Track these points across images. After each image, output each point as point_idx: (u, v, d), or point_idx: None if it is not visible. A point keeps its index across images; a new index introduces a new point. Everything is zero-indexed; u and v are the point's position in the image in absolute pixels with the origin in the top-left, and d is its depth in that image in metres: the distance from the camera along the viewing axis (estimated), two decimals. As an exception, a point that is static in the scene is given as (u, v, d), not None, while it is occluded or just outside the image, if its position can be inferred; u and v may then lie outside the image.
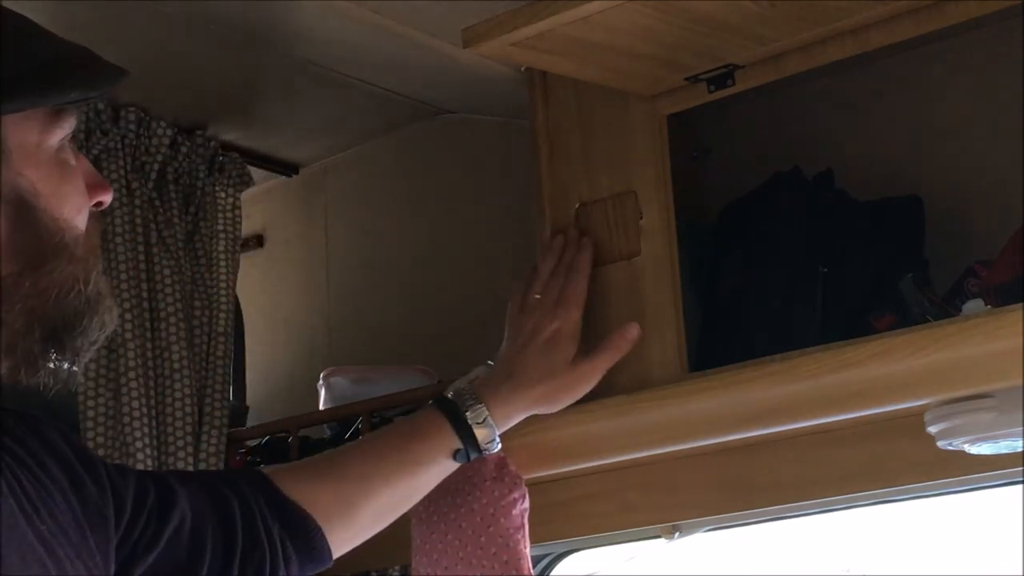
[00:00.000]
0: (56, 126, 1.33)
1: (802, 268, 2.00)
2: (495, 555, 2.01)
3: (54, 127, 1.32)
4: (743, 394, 1.86)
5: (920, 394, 1.77)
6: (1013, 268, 1.79)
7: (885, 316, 1.86)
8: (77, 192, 1.36)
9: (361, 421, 2.33)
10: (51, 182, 1.32)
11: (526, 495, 2.05)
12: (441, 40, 2.18)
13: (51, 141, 1.32)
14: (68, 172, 1.35)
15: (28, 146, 1.29)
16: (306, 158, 2.76)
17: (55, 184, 1.32)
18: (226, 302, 2.49)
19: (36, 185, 1.29)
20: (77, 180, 1.36)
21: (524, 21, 1.78)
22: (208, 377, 2.45)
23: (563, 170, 2.13)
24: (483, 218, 2.55)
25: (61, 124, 1.33)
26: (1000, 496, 2.09)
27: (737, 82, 1.98)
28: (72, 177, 1.35)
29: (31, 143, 1.30)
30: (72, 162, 1.36)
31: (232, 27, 2.18)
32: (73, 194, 1.35)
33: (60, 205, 1.32)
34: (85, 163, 1.39)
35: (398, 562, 2.41)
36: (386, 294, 2.66)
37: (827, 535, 2.39)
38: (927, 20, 1.83)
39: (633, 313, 2.02)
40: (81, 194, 1.36)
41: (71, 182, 1.35)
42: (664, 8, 1.77)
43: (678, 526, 2.21)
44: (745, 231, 2.09)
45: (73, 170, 1.36)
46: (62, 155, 1.34)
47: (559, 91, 2.15)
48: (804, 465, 2.03)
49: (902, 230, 2.01)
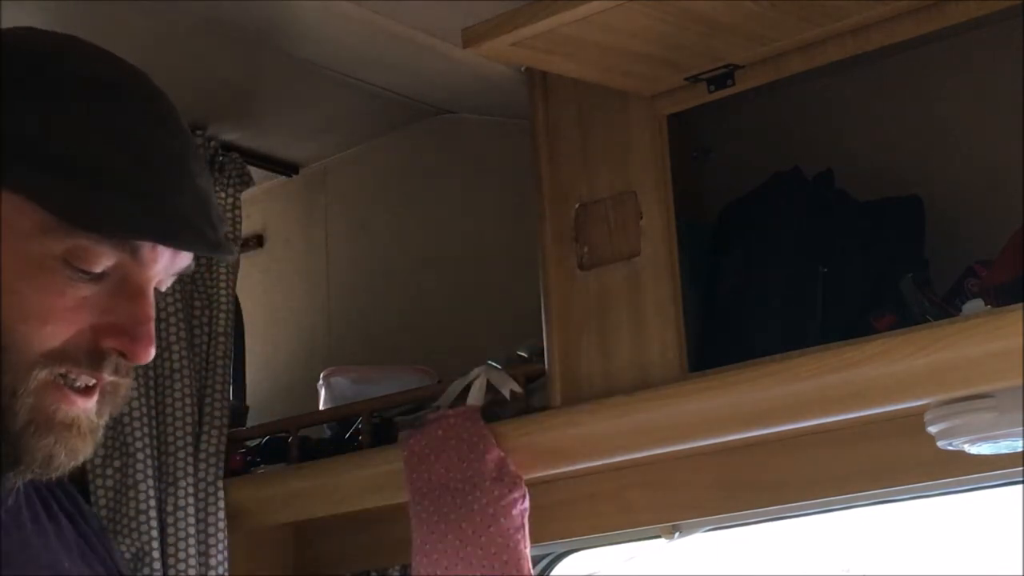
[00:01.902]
0: (79, 236, 1.06)
1: (802, 268, 2.00)
2: (495, 555, 2.01)
3: (74, 235, 1.06)
4: (743, 394, 1.86)
5: (920, 394, 1.77)
6: (1013, 268, 1.79)
7: (885, 316, 1.86)
8: (63, 319, 1.07)
9: (361, 421, 2.33)
10: (27, 284, 1.06)
11: (526, 495, 2.05)
12: (441, 40, 2.18)
13: (56, 246, 1.06)
14: (59, 290, 1.07)
15: (20, 231, 1.06)
16: (306, 158, 2.76)
17: (29, 290, 1.06)
18: (226, 302, 2.49)
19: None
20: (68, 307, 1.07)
21: (524, 21, 1.78)
22: (208, 377, 2.45)
23: (563, 170, 2.13)
24: (483, 218, 2.55)
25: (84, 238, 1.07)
26: (1000, 496, 2.09)
27: (737, 82, 1.98)
28: (60, 297, 1.07)
29: (24, 229, 1.06)
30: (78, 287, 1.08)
31: (232, 27, 2.18)
32: (54, 319, 1.07)
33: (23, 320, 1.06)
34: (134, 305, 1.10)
35: (398, 562, 2.41)
36: (386, 294, 2.66)
37: (827, 535, 2.39)
38: (927, 20, 1.84)
39: (633, 313, 2.02)
40: (69, 324, 1.07)
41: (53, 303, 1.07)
42: (664, 8, 1.77)
43: (678, 526, 2.21)
44: (745, 231, 2.10)
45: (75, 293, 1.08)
46: (66, 271, 1.07)
47: (559, 91, 2.15)
48: (804, 465, 2.03)
49: (902, 230, 2.01)
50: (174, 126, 1.13)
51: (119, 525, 2.33)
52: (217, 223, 1.13)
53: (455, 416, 2.13)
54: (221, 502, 2.38)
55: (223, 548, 2.36)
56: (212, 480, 2.38)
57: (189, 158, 1.13)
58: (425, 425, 2.16)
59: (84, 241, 1.07)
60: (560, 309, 2.10)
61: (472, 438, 2.09)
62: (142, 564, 2.31)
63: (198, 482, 2.38)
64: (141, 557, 2.31)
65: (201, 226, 1.11)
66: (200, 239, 1.11)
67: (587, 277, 2.08)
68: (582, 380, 2.06)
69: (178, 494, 2.36)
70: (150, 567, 2.30)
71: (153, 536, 2.32)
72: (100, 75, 1.11)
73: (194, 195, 1.11)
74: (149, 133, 1.11)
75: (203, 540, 2.35)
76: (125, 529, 2.32)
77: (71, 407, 1.09)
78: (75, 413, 1.09)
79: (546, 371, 2.10)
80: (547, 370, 2.10)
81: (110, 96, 1.10)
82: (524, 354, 2.21)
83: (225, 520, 2.38)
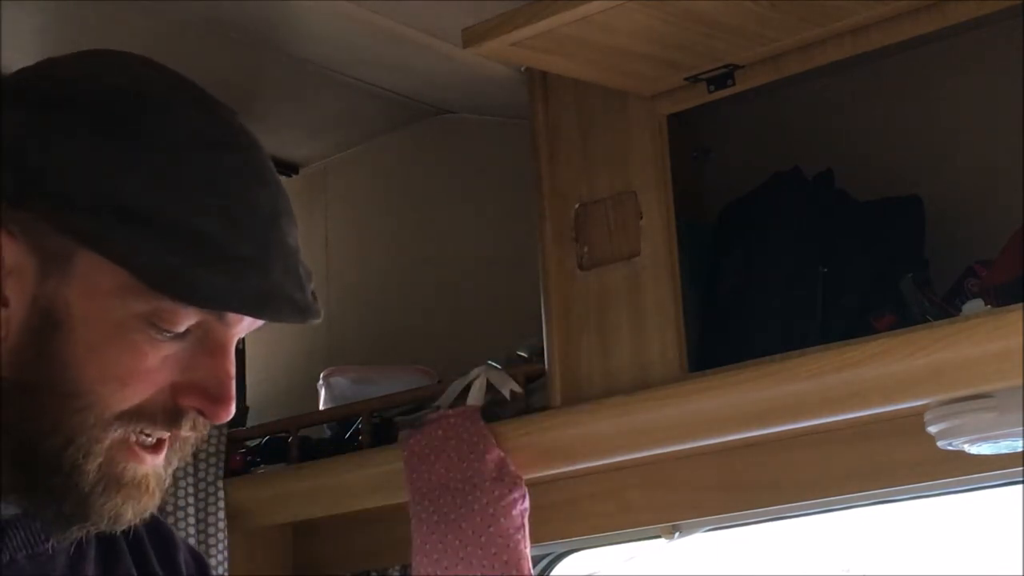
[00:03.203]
0: (165, 299, 1.02)
1: (802, 268, 2.00)
2: (495, 555, 2.01)
3: (160, 298, 1.02)
4: (743, 394, 1.86)
5: (920, 394, 1.77)
6: (1013, 268, 1.79)
7: (885, 316, 1.86)
8: (142, 380, 1.04)
9: (361, 421, 2.33)
10: (108, 344, 1.03)
11: (526, 495, 2.05)
12: (441, 40, 2.18)
13: (140, 307, 1.02)
14: (142, 351, 1.03)
15: (101, 289, 1.03)
16: (306, 158, 2.76)
17: (110, 351, 1.03)
18: (226, 302, 2.48)
19: (75, 323, 1.02)
20: (150, 368, 1.04)
21: (524, 21, 1.78)
22: (208, 377, 2.45)
23: (563, 170, 2.13)
24: (483, 218, 2.55)
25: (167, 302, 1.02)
26: (1000, 496, 2.09)
27: (737, 82, 1.98)
28: (142, 358, 1.03)
29: (105, 288, 1.03)
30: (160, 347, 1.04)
31: (232, 27, 2.18)
32: (134, 381, 1.03)
33: (103, 382, 1.03)
34: (215, 363, 1.07)
35: (398, 562, 2.41)
36: (386, 294, 2.66)
37: (827, 535, 2.39)
38: (927, 20, 1.84)
39: (633, 313, 2.02)
40: (149, 384, 1.04)
41: (134, 364, 1.03)
42: (664, 8, 1.77)
43: (678, 526, 2.21)
44: (745, 231, 2.10)
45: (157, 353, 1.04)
46: (148, 331, 1.03)
47: (559, 91, 2.15)
48: (804, 465, 2.03)
49: (902, 230, 2.01)
50: (270, 178, 1.08)
51: (119, 525, 2.33)
52: (305, 283, 1.08)
53: (455, 416, 2.13)
54: (221, 502, 2.38)
55: (223, 548, 2.36)
56: (212, 480, 2.38)
57: (281, 215, 1.07)
58: (425, 425, 2.16)
59: (168, 304, 1.03)
60: (560, 309, 2.10)
61: (472, 438, 2.09)
62: (142, 564, 2.31)
63: (198, 482, 2.38)
64: (141, 557, 2.31)
65: (291, 292, 1.06)
66: (289, 307, 1.06)
67: (587, 277, 2.08)
68: (582, 380, 2.06)
69: (178, 494, 2.36)
70: (150, 567, 2.30)
71: (153, 536, 2.32)
72: (198, 128, 1.05)
73: (285, 260, 1.06)
74: (244, 193, 1.05)
75: (203, 540, 2.35)
76: (125, 529, 2.32)
77: (140, 465, 1.06)
78: (144, 471, 1.06)
79: (546, 371, 2.10)
80: (547, 370, 2.09)
81: (207, 153, 1.05)
82: (524, 354, 2.21)
83: (225, 520, 2.38)
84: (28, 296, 1.03)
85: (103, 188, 1.01)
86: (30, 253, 1.02)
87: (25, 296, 1.03)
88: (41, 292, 1.03)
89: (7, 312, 1.03)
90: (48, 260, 1.02)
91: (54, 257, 1.02)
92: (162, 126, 1.04)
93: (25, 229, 1.02)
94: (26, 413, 1.03)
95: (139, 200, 1.01)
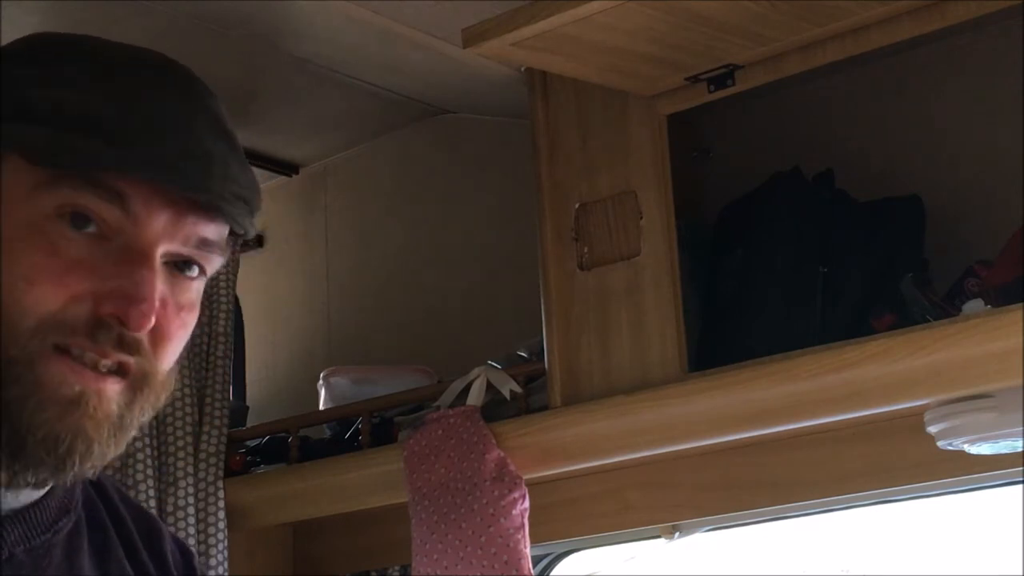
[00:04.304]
0: (63, 186, 1.02)
1: (802, 268, 2.00)
2: (495, 555, 2.01)
3: (60, 186, 1.02)
4: (743, 394, 1.86)
5: (920, 394, 1.77)
6: (1013, 268, 1.79)
7: (885, 316, 1.86)
8: (53, 280, 1.01)
9: (361, 421, 2.33)
10: (20, 244, 1.02)
11: (526, 495, 2.05)
12: (441, 40, 2.18)
13: (47, 202, 1.02)
14: (50, 248, 1.02)
15: (17, 193, 1.03)
16: (306, 158, 2.76)
17: (21, 250, 1.01)
18: (226, 302, 2.49)
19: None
20: (60, 267, 1.02)
21: (524, 21, 1.78)
22: (208, 377, 2.45)
23: (563, 170, 2.13)
24: (483, 218, 2.55)
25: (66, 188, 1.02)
26: (1000, 496, 2.09)
27: (737, 82, 1.98)
28: (51, 256, 1.02)
29: (20, 191, 1.03)
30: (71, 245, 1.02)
31: (232, 27, 2.18)
32: (44, 279, 1.01)
33: (13, 283, 1.01)
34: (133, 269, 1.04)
35: (398, 562, 2.42)
36: (386, 294, 2.66)
37: (826, 535, 2.39)
38: (927, 20, 1.84)
39: (633, 313, 2.02)
40: (61, 286, 1.01)
41: (42, 262, 1.02)
42: (664, 8, 1.77)
43: (678, 526, 2.21)
44: (745, 231, 2.10)
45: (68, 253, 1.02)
46: (58, 228, 1.02)
47: (559, 91, 2.15)
48: (804, 465, 2.03)
49: (902, 230, 2.01)
50: (189, 95, 1.09)
51: (119, 525, 2.33)
52: (222, 181, 1.07)
53: (455, 416, 2.13)
54: (221, 502, 2.38)
55: (223, 548, 2.36)
56: (212, 480, 2.38)
57: (197, 121, 1.08)
58: (425, 425, 2.16)
59: (66, 191, 1.01)
60: (560, 309, 2.10)
61: (472, 438, 2.09)
62: (142, 564, 2.31)
63: (198, 482, 2.38)
64: (141, 557, 2.31)
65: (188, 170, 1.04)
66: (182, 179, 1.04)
67: (587, 277, 2.08)
68: (582, 380, 2.06)
69: (178, 494, 2.36)
70: (150, 567, 2.30)
71: (153, 536, 2.32)
72: (116, 56, 1.09)
73: (188, 148, 1.05)
74: (151, 93, 1.06)
75: (203, 540, 2.35)
76: (125, 529, 2.32)
77: (79, 380, 1.01)
78: (81, 388, 1.01)
79: (546, 371, 2.10)
80: (547, 370, 2.10)
81: (119, 69, 1.07)
82: (524, 354, 2.21)
83: (225, 520, 2.38)
84: None
85: (18, 101, 1.04)
86: None
87: None
88: None
89: None
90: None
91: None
92: (79, 54, 1.08)
93: None
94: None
95: (46, 103, 1.03)
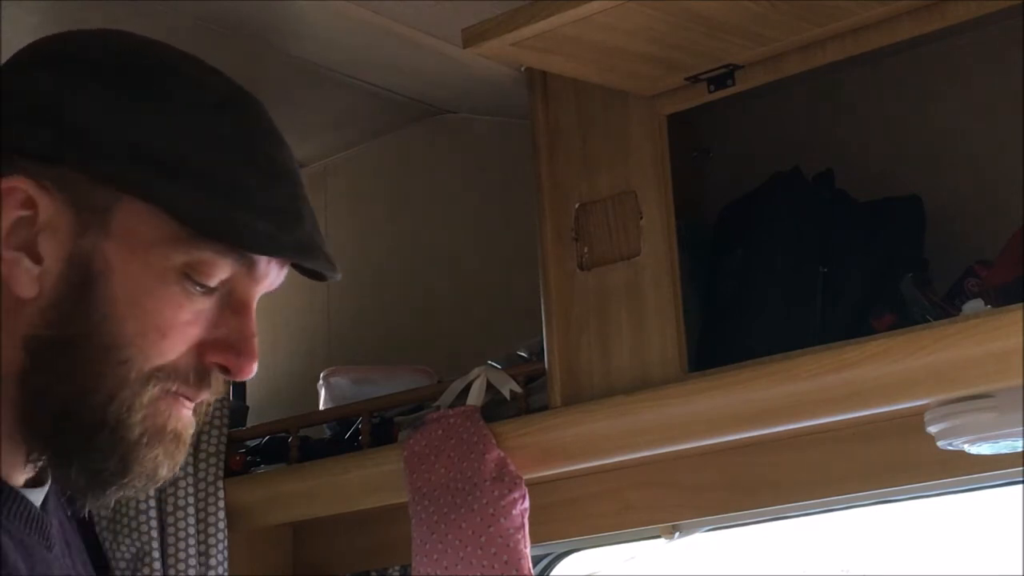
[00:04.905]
0: (204, 249, 1.05)
1: (802, 268, 2.00)
2: (495, 555, 2.01)
3: (198, 247, 1.05)
4: (743, 394, 1.86)
5: (920, 394, 1.77)
6: (1013, 268, 1.79)
7: (885, 316, 1.86)
8: (181, 335, 1.06)
9: (361, 421, 2.33)
10: (147, 296, 1.05)
11: (526, 495, 2.05)
12: (441, 40, 2.18)
13: (178, 258, 1.05)
14: (178, 303, 1.06)
15: (141, 241, 1.05)
16: (306, 158, 2.76)
17: (150, 303, 1.05)
18: (226, 302, 2.48)
19: (114, 276, 1.04)
20: (185, 321, 1.06)
21: (524, 21, 1.78)
22: (208, 377, 2.45)
23: (563, 170, 2.13)
24: (483, 218, 2.55)
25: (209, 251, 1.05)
26: (1000, 496, 2.09)
27: (737, 82, 1.98)
28: (179, 310, 1.05)
29: (145, 240, 1.05)
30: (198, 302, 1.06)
31: (232, 27, 2.18)
32: (174, 334, 1.05)
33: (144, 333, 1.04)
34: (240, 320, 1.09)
35: (398, 562, 2.41)
36: (386, 294, 2.66)
37: (826, 535, 2.39)
38: (927, 20, 1.83)
39: (633, 313, 2.02)
40: (184, 341, 1.06)
41: (173, 316, 1.05)
42: (664, 8, 1.77)
43: (678, 526, 2.21)
44: (745, 231, 2.10)
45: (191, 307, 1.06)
46: (183, 284, 1.06)
47: (559, 91, 2.15)
48: (804, 465, 2.03)
49: (902, 230, 2.01)
50: (282, 137, 1.13)
51: (119, 525, 2.33)
52: (325, 247, 1.13)
53: (455, 416, 2.13)
54: (221, 502, 2.38)
55: (223, 548, 2.36)
56: (212, 480, 2.38)
57: (299, 173, 1.13)
58: (425, 425, 2.16)
59: (208, 254, 1.05)
60: (560, 309, 2.10)
61: (472, 438, 2.09)
62: (142, 564, 2.31)
63: (198, 482, 2.38)
64: (141, 557, 2.31)
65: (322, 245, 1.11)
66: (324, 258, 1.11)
67: (587, 277, 2.08)
68: (582, 380, 2.06)
69: (178, 494, 2.36)
70: (150, 567, 2.30)
71: (153, 536, 2.32)
72: (218, 89, 1.12)
73: (311, 213, 1.12)
74: (265, 148, 1.10)
75: (203, 540, 2.35)
76: (125, 529, 2.32)
77: (181, 416, 1.08)
78: (185, 423, 1.09)
79: (546, 371, 2.10)
80: (547, 370, 2.09)
81: (232, 111, 1.10)
82: (524, 354, 2.21)
83: (225, 520, 2.37)
84: (64, 252, 1.04)
85: (142, 140, 1.04)
86: (66, 208, 1.04)
87: (61, 252, 1.04)
88: (78, 247, 1.04)
89: (41, 269, 1.04)
90: (85, 214, 1.04)
91: (92, 210, 1.04)
92: (180, 86, 1.09)
93: (61, 185, 1.04)
94: (65, 372, 1.04)
95: (176, 151, 1.05)
